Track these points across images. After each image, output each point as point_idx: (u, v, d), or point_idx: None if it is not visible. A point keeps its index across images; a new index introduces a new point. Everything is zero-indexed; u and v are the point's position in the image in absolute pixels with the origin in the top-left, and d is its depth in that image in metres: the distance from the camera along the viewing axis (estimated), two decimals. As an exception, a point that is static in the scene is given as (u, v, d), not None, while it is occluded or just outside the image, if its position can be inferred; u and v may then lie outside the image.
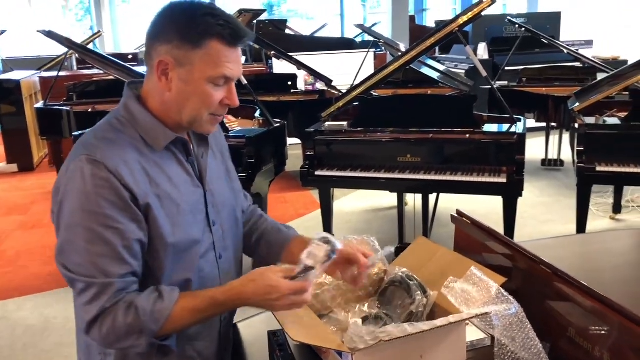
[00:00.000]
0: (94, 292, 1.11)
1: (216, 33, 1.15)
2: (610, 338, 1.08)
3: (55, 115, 5.32)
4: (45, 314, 3.32)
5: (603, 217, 4.49)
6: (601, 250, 1.87)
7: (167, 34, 1.16)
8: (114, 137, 1.18)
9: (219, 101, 1.21)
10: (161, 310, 1.13)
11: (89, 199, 1.11)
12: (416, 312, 1.29)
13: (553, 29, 7.93)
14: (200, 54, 1.15)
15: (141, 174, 1.16)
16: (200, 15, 1.15)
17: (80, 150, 1.15)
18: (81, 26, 14.96)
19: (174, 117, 1.22)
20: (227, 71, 1.17)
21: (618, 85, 3.68)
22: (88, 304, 1.12)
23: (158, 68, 1.17)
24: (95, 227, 1.11)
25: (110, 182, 1.12)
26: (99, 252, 1.12)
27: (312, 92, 5.79)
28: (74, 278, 1.13)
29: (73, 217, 1.12)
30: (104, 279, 1.12)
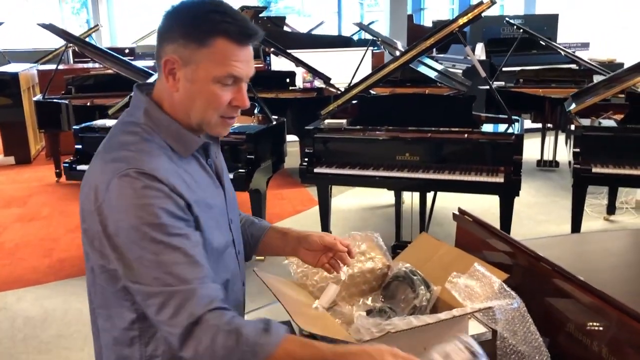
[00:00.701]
0: (177, 302, 1.05)
1: (222, 31, 1.11)
2: (608, 333, 1.11)
3: (54, 108, 5.33)
4: (45, 305, 3.34)
5: (597, 218, 4.55)
6: (598, 250, 1.91)
7: (173, 33, 1.14)
8: (147, 147, 1.13)
9: (228, 102, 1.16)
10: (265, 345, 1.04)
11: (148, 212, 1.06)
12: (419, 306, 1.33)
13: (550, 31, 7.99)
14: (205, 53, 1.12)
15: (180, 181, 1.14)
16: (205, 12, 1.12)
17: (118, 165, 1.09)
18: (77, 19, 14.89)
19: (184, 119, 1.19)
20: (234, 70, 1.13)
21: (614, 88, 3.72)
22: (173, 317, 1.05)
23: (165, 67, 1.14)
24: (161, 237, 1.06)
25: (164, 192, 1.08)
26: (171, 261, 1.06)
27: (310, 89, 5.82)
28: (151, 292, 1.06)
29: (136, 233, 1.06)
30: (184, 286, 1.05)
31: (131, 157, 1.10)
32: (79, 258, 3.94)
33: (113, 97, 5.16)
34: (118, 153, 1.12)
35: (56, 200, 5.26)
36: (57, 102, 5.35)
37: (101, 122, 4.00)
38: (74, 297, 3.41)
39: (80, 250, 4.26)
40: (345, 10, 14.67)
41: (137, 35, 10.98)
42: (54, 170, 5.80)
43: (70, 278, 3.67)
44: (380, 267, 1.48)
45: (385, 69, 3.73)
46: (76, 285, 3.55)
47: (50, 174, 5.94)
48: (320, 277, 1.45)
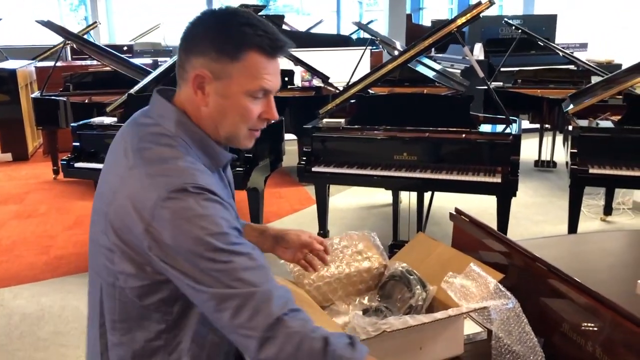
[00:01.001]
0: (254, 304, 1.02)
1: (255, 44, 1.09)
2: (602, 333, 1.12)
3: (51, 105, 5.33)
4: (42, 302, 3.34)
5: (594, 219, 4.56)
6: (594, 250, 1.92)
7: (203, 46, 1.10)
8: (192, 160, 1.11)
9: (258, 115, 1.16)
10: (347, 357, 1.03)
11: (211, 222, 1.04)
12: (415, 306, 1.33)
13: (548, 31, 8.00)
14: (238, 67, 1.10)
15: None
16: (237, 25, 1.10)
17: (170, 180, 1.06)
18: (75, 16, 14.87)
19: (210, 133, 1.17)
20: (266, 84, 1.12)
21: (612, 89, 3.74)
22: (251, 319, 1.02)
23: (194, 82, 1.12)
24: (226, 246, 1.04)
25: (222, 204, 1.08)
26: (240, 267, 1.04)
27: (309, 88, 5.82)
28: (226, 295, 1.03)
29: (200, 246, 1.03)
30: (257, 288, 1.03)
31: (182, 173, 1.07)
32: (76, 255, 3.94)
33: (111, 95, 5.16)
34: (164, 167, 1.08)
35: (53, 197, 5.26)
36: (55, 99, 5.34)
37: (99, 119, 3.99)
38: (71, 295, 3.41)
39: (77, 248, 4.24)
40: (345, 9, 14.65)
41: (135, 32, 10.96)
42: (52, 168, 5.79)
43: (67, 275, 3.67)
44: (376, 266, 1.49)
45: (383, 68, 3.73)
46: (73, 283, 3.55)
47: (47, 171, 5.94)
48: (317, 276, 1.46)
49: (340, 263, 1.47)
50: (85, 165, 3.75)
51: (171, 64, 4.09)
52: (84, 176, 3.93)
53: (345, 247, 1.52)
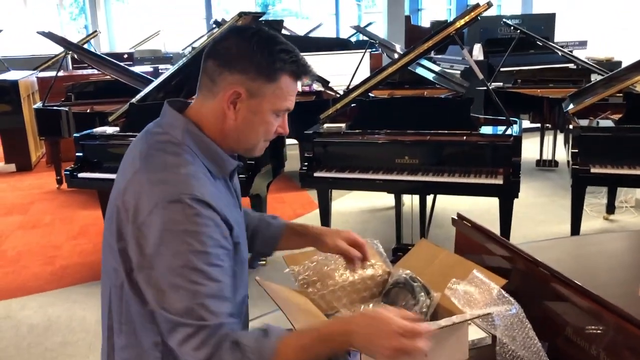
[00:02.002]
0: (204, 335, 1.07)
1: (289, 70, 1.19)
2: (606, 337, 1.13)
3: (54, 115, 5.35)
4: (49, 313, 3.36)
5: (597, 218, 4.56)
6: (597, 252, 1.93)
7: (243, 65, 1.16)
8: (192, 170, 1.15)
9: (275, 130, 1.25)
10: (266, 347, 1.09)
11: (196, 239, 1.08)
12: (420, 313, 1.34)
13: (547, 30, 8.00)
14: (272, 88, 1.18)
15: (223, 203, 1.17)
16: (277, 51, 1.18)
17: (168, 189, 1.11)
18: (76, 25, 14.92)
19: (230, 144, 1.23)
20: (290, 104, 1.23)
21: (612, 87, 3.74)
22: (197, 349, 1.07)
23: (229, 97, 1.17)
24: (204, 267, 1.08)
25: (215, 220, 1.11)
26: (207, 293, 1.08)
27: (309, 93, 5.83)
28: (181, 322, 1.08)
29: (178, 260, 1.08)
30: (215, 321, 1.08)
31: (181, 182, 1.12)
32: (81, 265, 3.96)
33: (113, 104, 5.18)
34: (165, 174, 1.13)
35: (57, 207, 5.28)
36: (57, 110, 5.37)
37: (101, 129, 4.00)
38: (77, 305, 3.43)
39: (82, 258, 4.27)
40: (343, 11, 14.68)
41: (135, 40, 11.00)
42: (55, 177, 5.82)
43: (73, 285, 3.68)
44: (380, 273, 1.50)
45: (384, 72, 3.74)
46: (79, 293, 3.57)
47: (51, 180, 5.96)
48: (322, 284, 1.47)
49: (344, 271, 1.48)
50: (89, 176, 3.76)
51: (173, 71, 4.11)
52: (88, 186, 3.95)
53: (349, 255, 1.53)
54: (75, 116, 5.25)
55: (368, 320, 1.10)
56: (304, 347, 1.10)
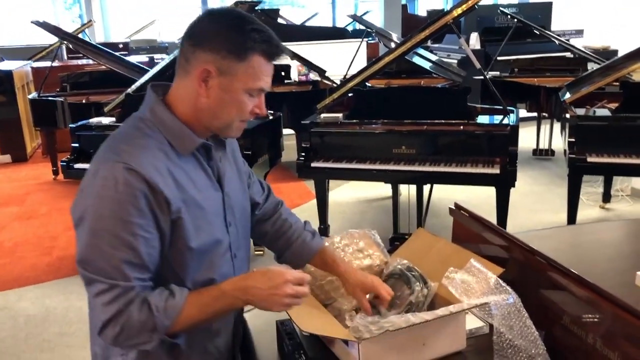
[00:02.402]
0: (115, 293, 1.14)
1: (261, 50, 1.20)
2: (602, 326, 1.14)
3: (49, 106, 5.32)
4: (46, 304, 3.36)
5: (593, 206, 4.58)
6: (594, 241, 1.94)
7: (214, 44, 1.19)
8: (144, 142, 1.20)
9: (251, 110, 1.26)
10: (173, 306, 1.17)
11: (121, 207, 1.13)
12: (416, 302, 1.35)
13: (544, 19, 7.97)
14: (243, 67, 1.20)
15: (170, 179, 1.19)
16: (248, 30, 1.19)
17: (112, 156, 1.17)
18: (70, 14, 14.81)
19: (204, 122, 1.25)
20: (264, 84, 1.24)
21: (609, 76, 3.74)
22: (107, 305, 1.15)
23: (200, 75, 1.20)
24: (123, 234, 1.14)
25: (143, 192, 1.14)
26: (123, 258, 1.14)
27: (306, 82, 5.82)
28: (94, 279, 1.15)
29: (101, 223, 1.14)
30: (126, 283, 1.15)
31: (123, 151, 1.18)
32: (79, 256, 3.95)
33: (109, 94, 5.16)
34: (116, 144, 1.21)
35: (54, 198, 5.27)
36: (53, 100, 5.34)
37: (97, 120, 3.99)
38: (74, 295, 3.43)
39: (79, 249, 4.24)
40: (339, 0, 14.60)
41: (130, 29, 10.93)
42: (51, 168, 5.80)
43: (70, 276, 3.68)
44: (377, 263, 1.50)
45: (380, 61, 3.73)
46: (76, 284, 3.57)
47: (47, 171, 5.94)
48: (320, 274, 1.47)
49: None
50: (85, 166, 3.69)
51: (168, 61, 4.09)
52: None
53: (346, 246, 1.53)
54: (71, 107, 5.22)
55: (263, 275, 1.20)
56: (206, 304, 1.20)
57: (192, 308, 1.19)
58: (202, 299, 1.20)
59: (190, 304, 1.19)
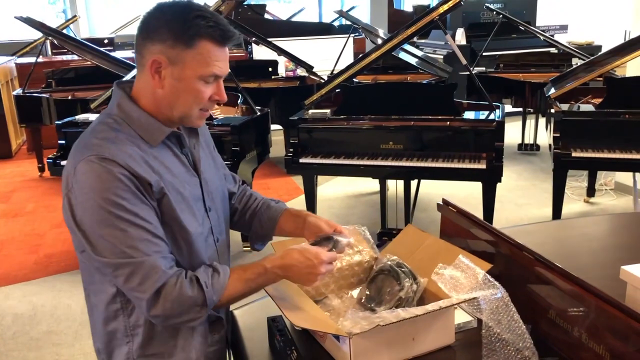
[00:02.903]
0: (143, 272, 1.17)
1: (207, 34, 1.21)
2: (587, 319, 1.16)
3: (34, 102, 5.28)
4: (34, 302, 3.34)
5: (577, 200, 4.64)
6: (579, 235, 1.97)
7: (161, 34, 1.21)
8: (113, 135, 1.22)
9: (209, 97, 1.27)
10: (220, 282, 1.23)
11: (109, 193, 1.15)
12: (405, 298, 1.36)
13: (529, 15, 8.03)
14: (192, 54, 1.21)
15: (146, 166, 1.22)
16: (192, 17, 1.20)
17: (84, 151, 1.19)
18: (54, 9, 14.64)
19: (165, 113, 1.27)
20: (216, 70, 1.24)
21: (593, 72, 3.78)
22: (141, 284, 1.17)
23: (152, 66, 1.22)
24: (124, 215, 1.16)
25: (124, 175, 1.17)
26: (135, 236, 1.17)
27: (293, 78, 5.82)
28: (119, 263, 1.17)
29: (99, 214, 1.16)
30: (147, 258, 1.18)
31: (94, 145, 1.20)
32: (66, 253, 3.94)
33: (95, 90, 5.13)
34: (86, 140, 1.23)
35: (40, 195, 5.23)
36: (38, 96, 5.30)
37: (83, 116, 3.97)
38: (62, 293, 3.42)
39: (66, 246, 4.25)
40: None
41: (115, 24, 10.83)
42: (37, 165, 5.75)
43: (57, 274, 3.67)
44: (367, 259, 1.52)
45: (367, 57, 3.75)
46: (64, 281, 3.55)
47: (32, 168, 5.89)
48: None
49: (332, 258, 1.49)
50: (72, 163, 3.73)
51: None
52: (71, 174, 3.91)
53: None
54: (57, 103, 5.19)
55: (301, 254, 1.28)
56: (250, 280, 1.27)
57: (238, 283, 1.26)
58: (245, 275, 1.27)
59: (235, 279, 1.26)
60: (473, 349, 1.25)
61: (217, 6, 3.95)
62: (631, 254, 1.72)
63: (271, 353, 1.37)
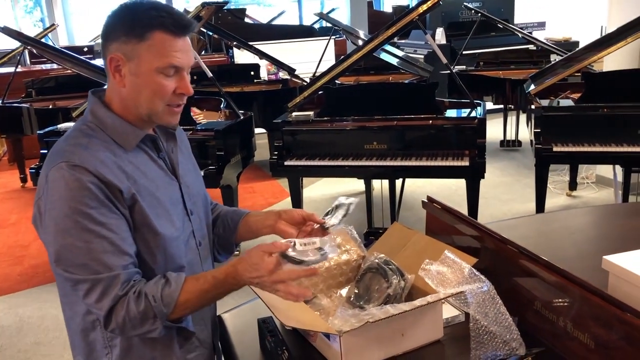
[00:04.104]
0: (102, 287, 1.16)
1: (159, 24, 1.19)
2: (572, 309, 1.18)
3: (15, 112, 5.23)
4: (20, 314, 3.31)
5: (560, 194, 4.70)
6: (561, 228, 2.00)
7: (115, 32, 1.21)
8: (86, 141, 1.22)
9: (172, 91, 1.24)
10: (170, 294, 1.19)
11: (76, 202, 1.14)
12: (393, 295, 1.38)
13: (507, 12, 8.13)
14: (145, 46, 1.19)
15: (119, 171, 1.21)
16: (143, 9, 1.21)
17: (56, 158, 1.19)
18: (31, 18, 14.50)
19: (134, 113, 1.26)
20: (174, 60, 1.21)
21: (572, 67, 3.83)
22: (99, 301, 1.16)
23: (110, 65, 1.22)
24: (90, 226, 1.15)
25: (93, 183, 1.16)
26: (98, 249, 1.15)
27: (275, 81, 5.83)
28: (79, 279, 1.16)
29: (65, 222, 1.15)
30: (109, 273, 1.16)
31: (65, 151, 1.19)
32: (52, 264, 3.90)
33: (76, 99, 5.09)
34: (59, 147, 1.23)
35: (23, 205, 5.18)
36: (18, 106, 5.24)
37: (65, 125, 3.94)
38: (49, 304, 3.39)
39: (52, 256, 4.16)
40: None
41: (94, 32, 10.75)
42: (19, 176, 5.69)
43: (43, 284, 3.64)
44: (355, 258, 1.53)
45: (349, 59, 3.77)
46: (50, 292, 3.52)
47: (14, 179, 5.83)
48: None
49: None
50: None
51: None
52: (54, 183, 3.88)
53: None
54: (38, 113, 5.14)
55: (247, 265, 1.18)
56: (204, 291, 1.21)
57: (190, 295, 1.20)
58: (198, 286, 1.21)
59: (187, 291, 1.20)
60: (461, 343, 1.27)
61: (197, 11, 3.95)
62: (612, 245, 1.75)
63: (262, 354, 1.38)
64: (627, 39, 3.57)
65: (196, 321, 1.37)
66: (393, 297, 1.37)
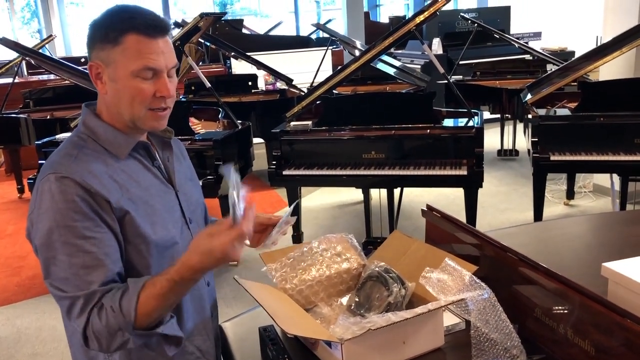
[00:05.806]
0: (80, 304, 1.14)
1: (130, 27, 1.19)
2: (572, 316, 1.19)
3: (12, 123, 5.23)
4: (17, 325, 3.30)
5: (557, 203, 4.71)
6: (560, 236, 2.01)
7: (93, 39, 1.22)
8: (75, 152, 1.22)
9: (152, 94, 1.22)
10: (126, 303, 1.13)
11: (62, 215, 1.14)
12: (394, 303, 1.38)
13: (503, 23, 8.19)
14: (119, 50, 1.19)
15: (109, 181, 1.20)
16: (116, 13, 1.21)
17: (45, 170, 1.19)
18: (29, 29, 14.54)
19: (120, 120, 1.25)
20: (149, 62, 1.19)
21: (568, 77, 3.86)
22: (78, 317, 1.15)
23: (91, 73, 1.23)
24: (73, 240, 1.14)
25: (79, 196, 1.15)
26: (80, 264, 1.14)
27: (273, 91, 5.85)
28: (61, 295, 1.16)
29: (50, 236, 1.14)
30: (87, 290, 1.14)
31: (55, 163, 1.19)
32: (49, 274, 3.89)
33: (74, 109, 5.09)
34: (51, 159, 1.22)
35: (20, 216, 5.16)
36: (16, 117, 5.25)
37: (63, 135, 3.95)
38: (47, 315, 3.37)
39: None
40: (302, 9, 14.69)
41: (92, 43, 10.77)
42: (16, 186, 5.68)
43: (41, 295, 3.62)
44: (355, 266, 1.53)
45: (346, 69, 3.79)
46: (48, 303, 3.51)
47: (12, 190, 5.82)
48: (299, 280, 1.50)
49: (321, 266, 1.51)
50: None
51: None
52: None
53: (324, 250, 1.56)
54: (35, 123, 5.14)
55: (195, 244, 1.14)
56: (162, 294, 1.15)
57: (149, 300, 1.15)
58: (155, 290, 1.15)
59: (145, 297, 1.14)
60: (463, 350, 1.27)
61: (196, 22, 3.97)
62: (611, 252, 1.75)
63: (263, 363, 1.38)
64: (622, 48, 3.61)
65: (198, 332, 1.36)
66: (394, 305, 1.37)
